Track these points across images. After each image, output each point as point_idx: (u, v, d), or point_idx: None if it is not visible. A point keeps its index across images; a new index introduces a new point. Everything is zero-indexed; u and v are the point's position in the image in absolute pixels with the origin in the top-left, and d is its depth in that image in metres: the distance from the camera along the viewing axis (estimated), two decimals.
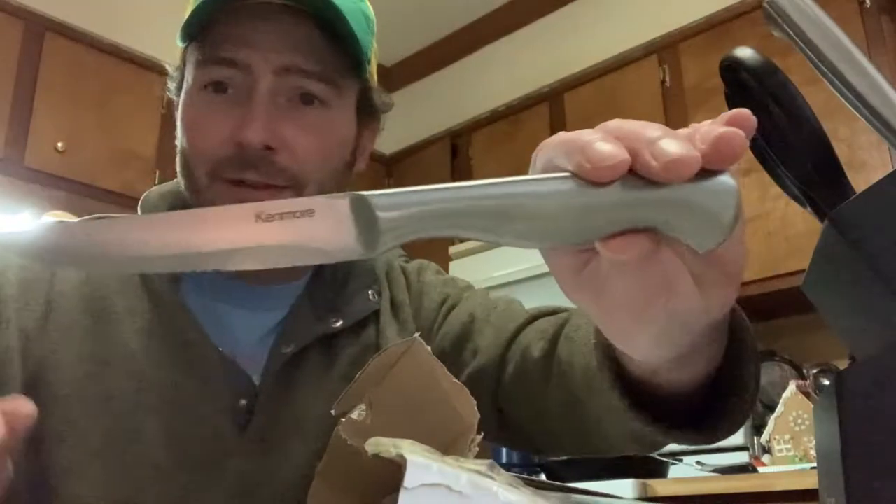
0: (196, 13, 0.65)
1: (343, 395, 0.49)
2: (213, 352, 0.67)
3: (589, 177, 0.31)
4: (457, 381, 0.47)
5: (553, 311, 0.71)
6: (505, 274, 2.78)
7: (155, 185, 0.81)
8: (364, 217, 0.31)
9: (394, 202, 0.31)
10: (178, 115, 0.70)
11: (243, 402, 0.66)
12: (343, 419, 0.48)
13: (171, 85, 0.74)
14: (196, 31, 0.66)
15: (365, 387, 0.48)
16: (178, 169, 0.71)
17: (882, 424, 0.35)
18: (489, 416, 0.70)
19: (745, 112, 0.33)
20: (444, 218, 0.30)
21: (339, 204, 0.31)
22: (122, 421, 0.63)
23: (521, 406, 0.68)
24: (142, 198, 0.77)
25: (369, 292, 0.76)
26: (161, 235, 0.31)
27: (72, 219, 0.77)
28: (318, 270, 0.77)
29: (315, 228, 0.31)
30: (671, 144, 0.30)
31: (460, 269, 2.95)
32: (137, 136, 2.75)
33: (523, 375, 0.67)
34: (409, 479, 0.33)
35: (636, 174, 0.30)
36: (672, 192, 0.30)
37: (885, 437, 0.34)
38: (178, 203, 0.76)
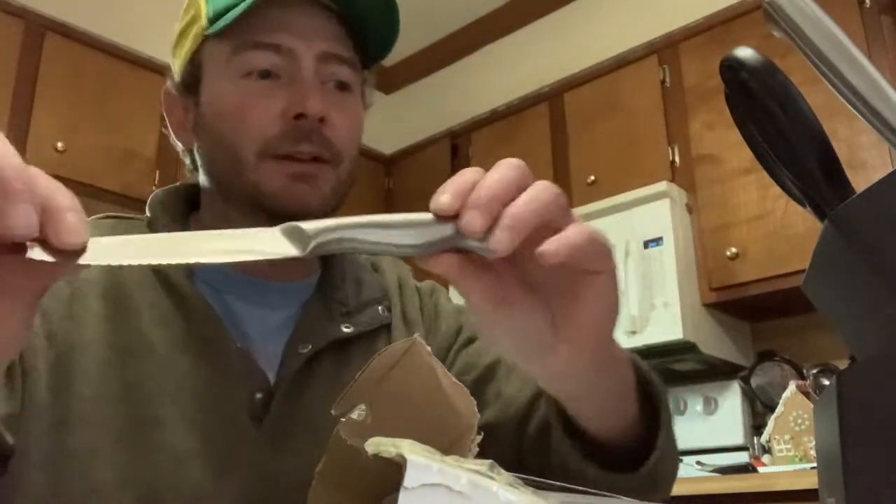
0: (234, 5, 0.68)
1: (343, 395, 0.49)
2: (230, 345, 0.69)
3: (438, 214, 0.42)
4: (457, 381, 0.47)
5: None
6: None
7: (155, 184, 0.81)
8: (296, 232, 0.41)
9: (316, 225, 0.41)
10: (207, 105, 0.72)
11: (259, 395, 0.68)
12: (343, 419, 0.48)
13: (171, 84, 0.76)
14: (230, 21, 0.69)
15: (365, 387, 0.48)
16: (209, 161, 0.73)
17: (882, 424, 0.35)
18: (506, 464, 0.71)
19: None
20: (346, 230, 0.41)
21: (275, 229, 0.41)
22: (142, 408, 0.65)
23: (543, 457, 0.68)
24: (151, 198, 0.79)
25: (379, 307, 0.79)
26: (162, 245, 0.40)
27: None
28: (327, 273, 0.80)
29: (261, 241, 0.41)
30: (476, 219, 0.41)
31: None
32: (137, 136, 2.75)
33: (546, 428, 0.69)
34: (409, 479, 0.33)
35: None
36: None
37: (885, 437, 0.34)
38: (182, 205, 0.79)
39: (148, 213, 0.78)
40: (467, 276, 0.43)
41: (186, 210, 0.79)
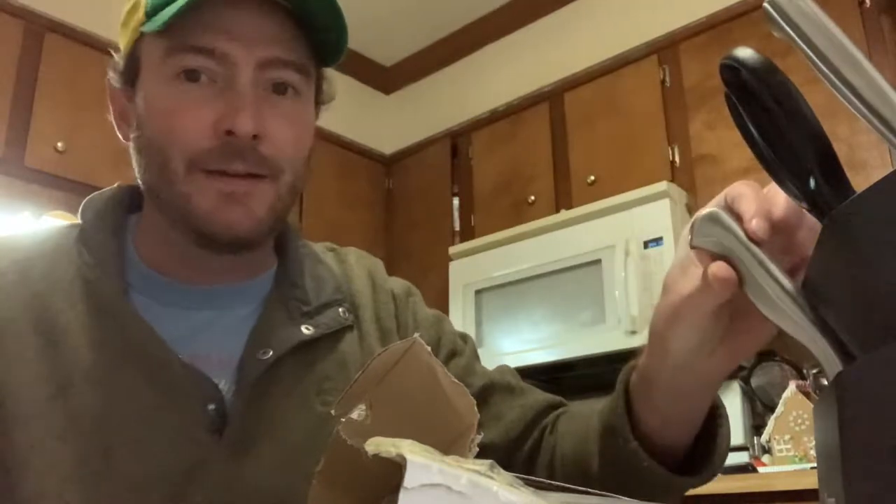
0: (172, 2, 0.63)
1: (343, 395, 0.48)
2: (171, 358, 0.66)
3: None
4: (456, 381, 0.47)
5: (557, 404, 0.78)
6: (505, 274, 2.78)
7: None
8: None
9: None
10: (141, 104, 0.68)
11: (211, 407, 0.65)
12: (343, 419, 0.48)
13: (113, 73, 0.73)
14: (170, 18, 0.63)
15: (365, 387, 0.48)
16: (142, 162, 0.69)
17: (882, 424, 0.35)
18: None
19: None
20: None
21: None
22: (91, 440, 0.62)
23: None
24: (83, 204, 0.75)
25: (340, 309, 0.76)
26: None
27: (72, 219, 0.77)
28: (283, 266, 0.77)
29: None
30: None
31: (460, 269, 2.95)
32: None
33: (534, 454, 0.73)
34: (409, 479, 0.33)
35: None
36: None
37: (885, 437, 0.34)
38: (118, 211, 0.75)
39: (80, 220, 0.74)
40: (730, 287, 0.48)
41: (123, 216, 0.75)
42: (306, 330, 0.71)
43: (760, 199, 0.47)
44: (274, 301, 0.73)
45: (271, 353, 0.68)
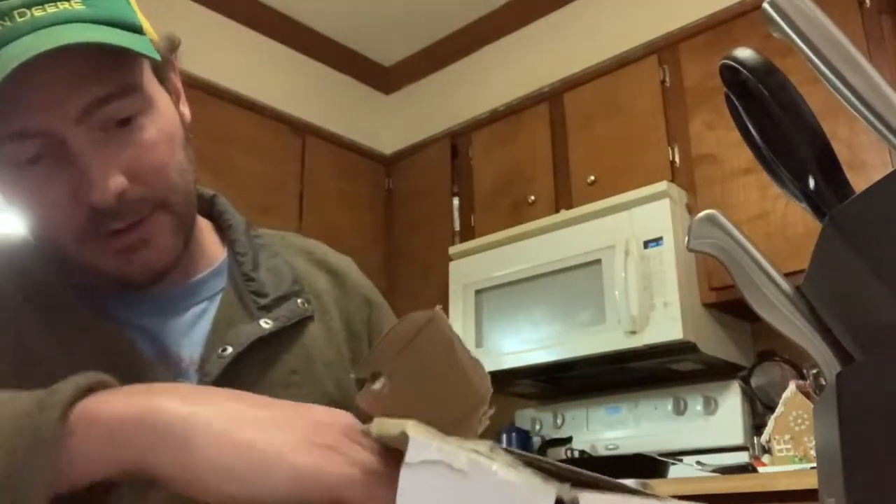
0: None
1: (362, 362, 0.48)
2: (137, 358, 0.66)
3: None
4: (473, 355, 0.47)
5: None
6: (505, 274, 2.78)
7: None
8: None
9: None
10: (6, 196, 0.65)
11: None
12: (361, 389, 0.48)
13: None
14: None
15: (385, 356, 0.47)
16: (35, 239, 0.68)
17: (882, 424, 0.35)
18: None
19: None
20: None
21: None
22: None
23: None
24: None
25: (298, 300, 0.75)
26: None
27: None
28: (233, 263, 0.75)
29: None
30: None
31: (460, 269, 2.95)
32: None
33: None
34: (411, 455, 0.34)
35: None
36: None
37: (885, 436, 0.34)
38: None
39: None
40: None
41: None
42: (265, 324, 0.70)
43: None
44: (229, 296, 0.72)
45: (230, 349, 0.67)
